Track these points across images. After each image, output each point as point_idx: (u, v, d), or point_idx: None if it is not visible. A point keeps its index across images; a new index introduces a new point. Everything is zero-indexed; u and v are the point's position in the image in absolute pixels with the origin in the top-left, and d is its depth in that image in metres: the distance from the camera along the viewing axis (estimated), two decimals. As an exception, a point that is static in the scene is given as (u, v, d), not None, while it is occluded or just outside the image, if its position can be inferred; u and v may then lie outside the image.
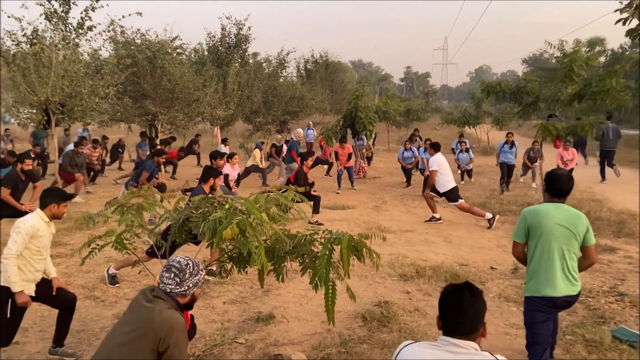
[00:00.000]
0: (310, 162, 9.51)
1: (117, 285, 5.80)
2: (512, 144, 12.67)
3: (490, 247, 7.62)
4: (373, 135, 18.23)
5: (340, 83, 31.74)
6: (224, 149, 14.60)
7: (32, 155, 11.65)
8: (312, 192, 9.03)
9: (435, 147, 9.29)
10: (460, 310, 1.99)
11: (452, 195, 9.00)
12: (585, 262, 3.48)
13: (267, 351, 4.25)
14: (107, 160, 16.46)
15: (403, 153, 13.80)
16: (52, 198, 4.07)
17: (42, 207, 4.08)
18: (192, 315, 3.91)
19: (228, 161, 10.34)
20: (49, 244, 4.16)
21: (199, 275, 2.47)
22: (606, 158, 13.84)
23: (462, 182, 13.65)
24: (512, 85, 10.56)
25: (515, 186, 12.97)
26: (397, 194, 12.43)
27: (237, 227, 2.82)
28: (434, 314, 5.02)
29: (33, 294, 4.02)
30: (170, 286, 2.38)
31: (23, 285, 3.89)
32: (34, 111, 9.34)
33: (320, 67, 28.35)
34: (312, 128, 23.66)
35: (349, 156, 12.98)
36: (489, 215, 8.81)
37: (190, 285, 2.42)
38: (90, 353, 4.20)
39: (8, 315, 3.87)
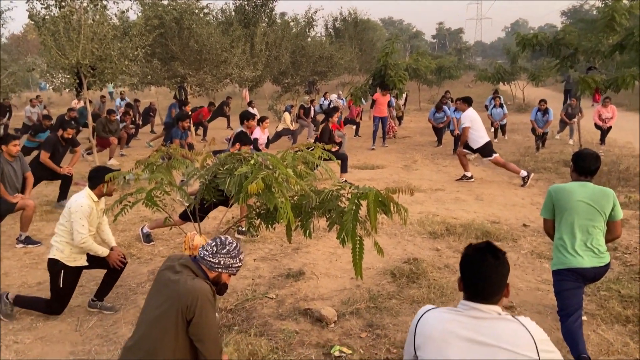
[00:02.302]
0: (335, 118, 9.39)
1: (152, 243, 5.96)
2: (546, 111, 12.09)
3: (523, 204, 7.46)
4: (404, 95, 17.89)
5: (370, 42, 31.06)
6: (252, 111, 14.60)
7: (67, 119, 11.95)
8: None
9: (467, 101, 8.93)
10: (484, 275, 1.89)
11: (485, 150, 8.75)
12: (609, 236, 3.54)
13: (297, 306, 4.33)
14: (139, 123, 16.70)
15: (434, 114, 13.47)
16: (101, 179, 4.14)
17: (92, 187, 4.18)
18: (223, 271, 4.01)
19: (259, 124, 10.26)
20: (98, 219, 4.29)
21: (235, 260, 2.47)
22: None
23: (496, 140, 13.29)
24: (550, 37, 10.09)
25: (551, 143, 12.59)
26: (427, 153, 12.25)
27: (262, 182, 2.82)
28: (463, 271, 4.99)
29: (85, 263, 4.22)
30: (206, 252, 2.41)
31: (75, 259, 4.14)
32: (67, 76, 9.50)
33: (349, 25, 27.77)
34: (341, 98, 23.25)
35: (388, 104, 12.83)
36: (523, 172, 8.59)
37: (222, 262, 2.42)
38: (127, 307, 4.36)
39: (61, 285, 4.10)
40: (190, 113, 12.32)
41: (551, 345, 1.84)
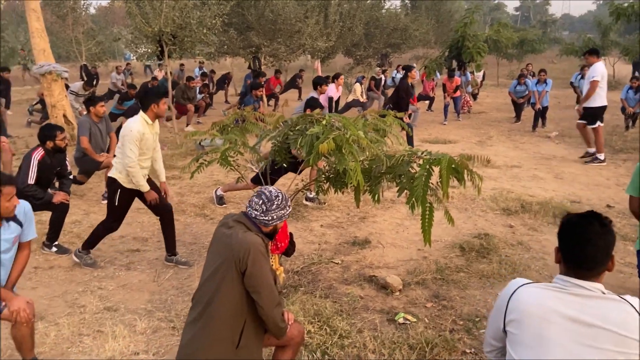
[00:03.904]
0: (414, 73, 9.14)
1: (224, 205, 6.17)
2: (638, 89, 11.04)
3: (607, 184, 6.98)
4: (481, 69, 17.11)
5: (448, 13, 29.79)
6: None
7: (150, 87, 12.50)
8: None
9: (595, 53, 8.01)
10: (590, 241, 1.73)
11: (597, 114, 7.97)
12: None
13: (362, 272, 4.34)
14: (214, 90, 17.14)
15: (516, 87, 12.75)
16: (151, 99, 4.26)
17: (144, 109, 4.29)
18: (291, 234, 4.07)
19: (333, 82, 10.03)
20: (154, 143, 4.42)
21: (285, 210, 2.47)
22: None
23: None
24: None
25: (643, 123, 11.62)
26: (503, 129, 11.72)
27: (333, 142, 2.80)
28: (538, 249, 4.78)
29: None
30: (256, 212, 2.41)
31: (131, 181, 4.28)
32: (150, 45, 9.92)
33: (426, -5, 26.81)
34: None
35: (456, 88, 12.35)
36: (591, 149, 7.99)
37: (274, 217, 2.43)
38: (200, 262, 4.57)
39: (116, 204, 4.32)
40: (263, 83, 12.49)
41: None
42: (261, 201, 2.43)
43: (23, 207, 2.94)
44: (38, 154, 4.59)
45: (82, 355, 3.17)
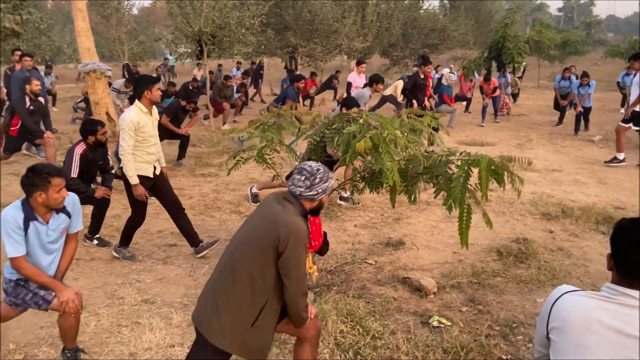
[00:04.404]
0: (429, 69, 9.06)
1: (259, 203, 6.20)
2: None
3: (655, 192, 6.70)
4: (522, 69, 16.72)
5: (488, 13, 29.25)
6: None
7: (191, 88, 12.74)
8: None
9: (639, 58, 8.03)
10: None
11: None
12: None
13: (396, 274, 4.30)
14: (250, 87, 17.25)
15: (560, 82, 12.35)
16: (143, 86, 4.29)
17: (139, 98, 4.32)
18: (325, 233, 4.07)
19: (357, 67, 9.95)
20: (154, 130, 4.45)
21: (329, 182, 2.44)
22: None
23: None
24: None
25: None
26: (544, 132, 11.41)
27: (370, 141, 2.79)
28: (580, 256, 4.63)
29: (151, 175, 4.47)
30: (300, 189, 2.38)
31: (140, 169, 4.35)
32: (190, 45, 10.12)
33: (465, -5, 26.39)
34: (453, 72, 22.09)
35: (494, 89, 12.10)
36: (621, 155, 7.78)
37: (320, 190, 2.39)
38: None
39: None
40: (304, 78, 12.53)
41: None
42: (304, 177, 2.39)
43: (72, 198, 3.02)
44: (80, 148, 4.73)
45: (121, 345, 3.25)
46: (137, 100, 4.33)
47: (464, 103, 15.07)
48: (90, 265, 4.51)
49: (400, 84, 12.90)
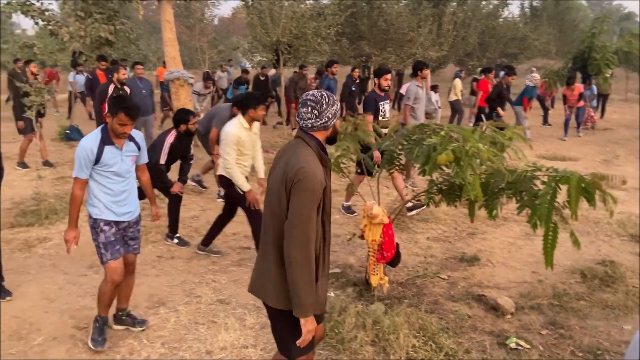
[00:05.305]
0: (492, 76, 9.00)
1: (355, 214, 6.13)
2: None
3: None
4: (609, 82, 15.72)
5: (572, 22, 27.84)
6: (434, 96, 14.20)
7: (260, 77, 13.00)
8: None
9: None
10: None
11: None
12: None
13: (470, 290, 4.17)
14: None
15: None
16: (251, 104, 4.44)
17: (243, 114, 4.48)
18: (397, 244, 4.03)
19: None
20: (253, 143, 4.61)
21: (336, 105, 2.30)
22: None
23: None
24: None
25: None
26: (633, 149, 10.65)
27: (452, 154, 2.73)
28: (674, 283, 4.27)
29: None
30: (310, 121, 2.24)
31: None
32: (266, 54, 10.41)
33: (548, 4, 25.26)
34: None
35: (580, 96, 11.46)
36: None
37: (330, 115, 2.25)
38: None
39: (235, 195, 4.58)
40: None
41: None
42: (310, 107, 2.24)
43: (140, 135, 3.40)
44: (171, 136, 5.03)
45: (198, 342, 3.38)
46: (240, 115, 4.50)
47: (541, 115, 14.36)
48: (171, 264, 4.72)
49: (458, 84, 12.40)
